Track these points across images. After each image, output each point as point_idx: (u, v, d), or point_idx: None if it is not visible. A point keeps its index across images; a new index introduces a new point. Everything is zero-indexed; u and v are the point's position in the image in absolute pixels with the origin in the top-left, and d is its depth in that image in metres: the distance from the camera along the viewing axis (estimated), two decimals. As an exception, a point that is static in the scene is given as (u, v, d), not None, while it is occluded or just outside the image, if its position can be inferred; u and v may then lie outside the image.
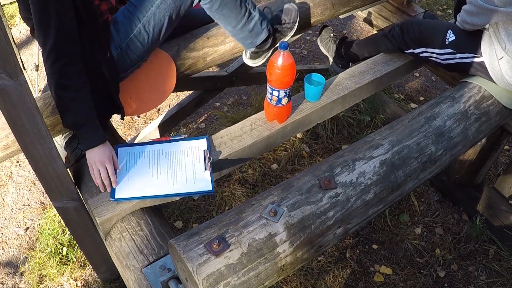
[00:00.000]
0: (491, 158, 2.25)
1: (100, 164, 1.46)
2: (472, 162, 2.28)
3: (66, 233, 2.23)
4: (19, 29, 3.48)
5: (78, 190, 1.57)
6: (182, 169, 1.51)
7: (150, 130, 2.33)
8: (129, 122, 2.85)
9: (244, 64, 2.38)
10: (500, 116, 1.79)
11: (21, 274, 2.14)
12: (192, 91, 2.54)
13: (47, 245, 2.19)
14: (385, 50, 1.99)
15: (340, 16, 2.25)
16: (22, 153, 1.34)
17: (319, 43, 2.42)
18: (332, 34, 2.38)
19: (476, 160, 2.26)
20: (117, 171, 1.50)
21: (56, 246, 2.18)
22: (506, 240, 2.27)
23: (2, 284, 2.11)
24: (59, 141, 1.76)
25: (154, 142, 1.60)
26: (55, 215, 2.28)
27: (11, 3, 3.59)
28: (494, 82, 1.71)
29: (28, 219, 2.35)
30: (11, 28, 3.43)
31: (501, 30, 1.60)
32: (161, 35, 1.62)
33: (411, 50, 1.88)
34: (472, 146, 1.90)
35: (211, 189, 1.46)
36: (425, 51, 1.83)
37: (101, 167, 1.46)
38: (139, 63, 1.64)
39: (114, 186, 1.46)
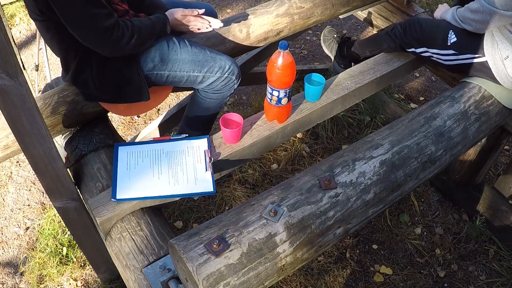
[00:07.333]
0: (491, 158, 2.25)
1: (182, 19, 1.64)
2: (472, 162, 2.28)
3: (66, 233, 2.23)
4: (19, 29, 3.48)
5: (78, 190, 1.57)
6: (183, 169, 1.51)
7: (150, 130, 2.33)
8: (129, 122, 2.85)
9: (243, 65, 2.38)
10: (500, 116, 1.79)
11: (21, 274, 2.14)
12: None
13: (47, 245, 2.19)
14: (386, 49, 1.99)
15: (340, 16, 2.25)
16: (22, 153, 1.34)
17: (322, 44, 2.43)
18: (335, 35, 2.39)
19: (476, 160, 2.26)
20: (118, 170, 1.50)
21: (56, 246, 2.18)
22: (506, 240, 2.26)
23: (2, 284, 2.11)
24: (59, 141, 1.76)
25: (155, 141, 1.60)
26: (55, 215, 2.28)
27: (11, 3, 3.59)
28: (497, 82, 1.71)
29: (28, 219, 2.35)
30: (11, 28, 3.43)
31: (506, 31, 1.60)
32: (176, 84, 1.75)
33: (412, 49, 1.88)
34: (472, 146, 1.90)
35: (212, 190, 1.46)
36: (427, 51, 1.83)
37: (186, 19, 1.65)
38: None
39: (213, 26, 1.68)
